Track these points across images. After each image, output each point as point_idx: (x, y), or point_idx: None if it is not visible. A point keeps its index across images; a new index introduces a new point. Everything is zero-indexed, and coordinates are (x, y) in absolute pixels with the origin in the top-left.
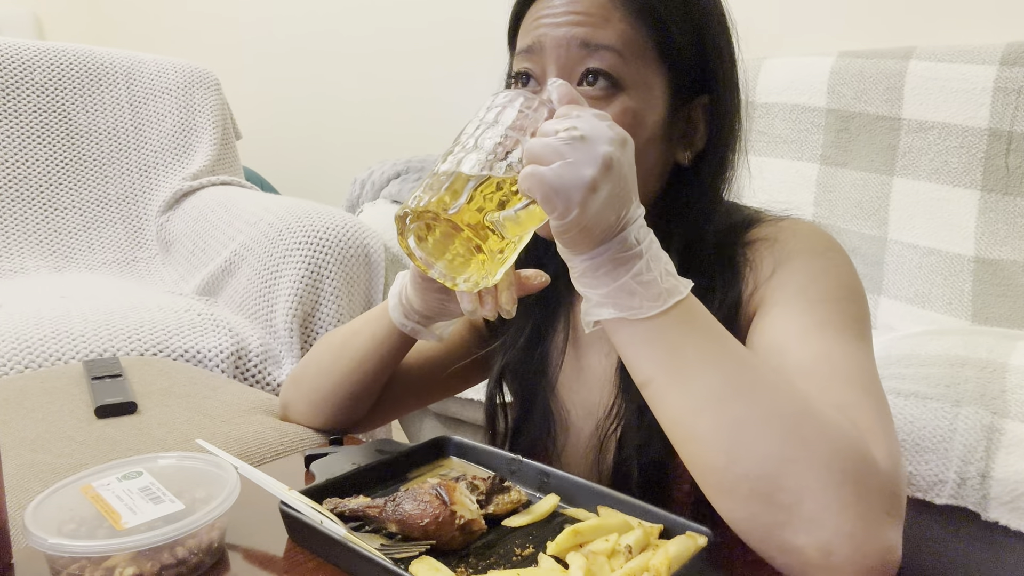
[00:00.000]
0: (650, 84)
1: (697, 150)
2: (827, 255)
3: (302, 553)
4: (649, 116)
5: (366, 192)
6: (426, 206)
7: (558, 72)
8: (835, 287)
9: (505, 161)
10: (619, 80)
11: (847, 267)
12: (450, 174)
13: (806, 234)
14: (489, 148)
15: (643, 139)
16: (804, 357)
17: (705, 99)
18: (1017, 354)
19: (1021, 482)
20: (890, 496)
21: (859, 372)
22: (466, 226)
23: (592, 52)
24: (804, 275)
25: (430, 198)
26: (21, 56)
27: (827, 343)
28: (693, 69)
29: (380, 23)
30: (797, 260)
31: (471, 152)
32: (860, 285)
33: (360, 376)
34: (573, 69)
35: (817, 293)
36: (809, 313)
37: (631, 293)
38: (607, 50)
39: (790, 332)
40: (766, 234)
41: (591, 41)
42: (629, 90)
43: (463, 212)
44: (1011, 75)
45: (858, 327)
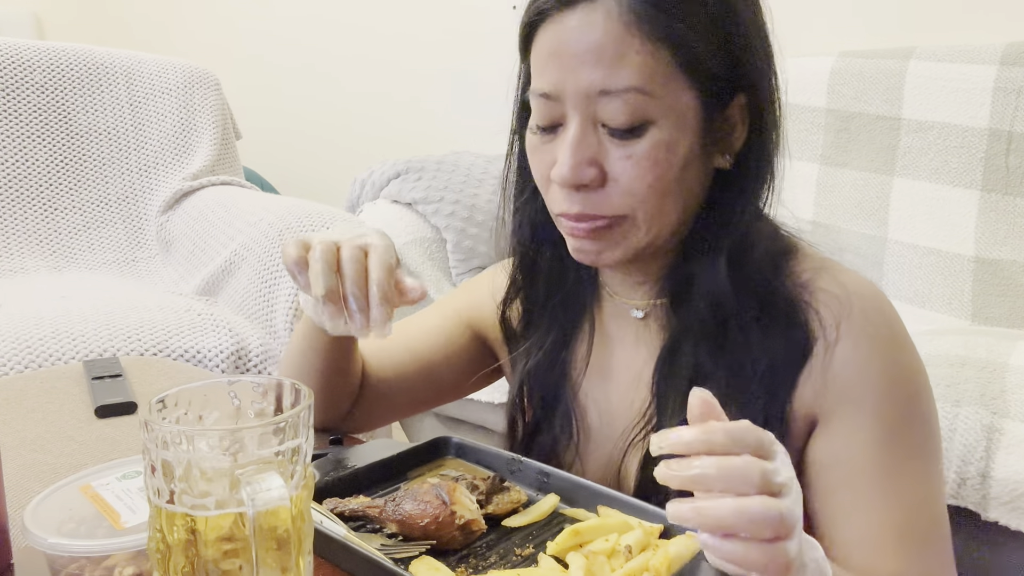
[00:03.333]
0: (679, 107)
1: (736, 151)
2: (904, 350)
3: None
4: (682, 140)
5: (366, 192)
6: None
7: (580, 120)
8: (913, 398)
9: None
10: (646, 117)
11: (916, 356)
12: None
13: (872, 311)
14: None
15: (679, 165)
16: (887, 517)
17: (742, 99)
18: (1017, 354)
19: (1021, 482)
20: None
21: (933, 522)
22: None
23: (614, 97)
24: (884, 389)
25: None
26: (21, 56)
27: (909, 491)
28: (724, 75)
29: (380, 23)
30: (875, 366)
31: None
32: (925, 371)
33: (316, 384)
34: (597, 114)
35: (896, 416)
36: (891, 451)
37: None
38: (629, 92)
39: (875, 477)
40: (828, 285)
41: (611, 87)
42: (659, 122)
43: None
44: (1011, 75)
45: (930, 444)
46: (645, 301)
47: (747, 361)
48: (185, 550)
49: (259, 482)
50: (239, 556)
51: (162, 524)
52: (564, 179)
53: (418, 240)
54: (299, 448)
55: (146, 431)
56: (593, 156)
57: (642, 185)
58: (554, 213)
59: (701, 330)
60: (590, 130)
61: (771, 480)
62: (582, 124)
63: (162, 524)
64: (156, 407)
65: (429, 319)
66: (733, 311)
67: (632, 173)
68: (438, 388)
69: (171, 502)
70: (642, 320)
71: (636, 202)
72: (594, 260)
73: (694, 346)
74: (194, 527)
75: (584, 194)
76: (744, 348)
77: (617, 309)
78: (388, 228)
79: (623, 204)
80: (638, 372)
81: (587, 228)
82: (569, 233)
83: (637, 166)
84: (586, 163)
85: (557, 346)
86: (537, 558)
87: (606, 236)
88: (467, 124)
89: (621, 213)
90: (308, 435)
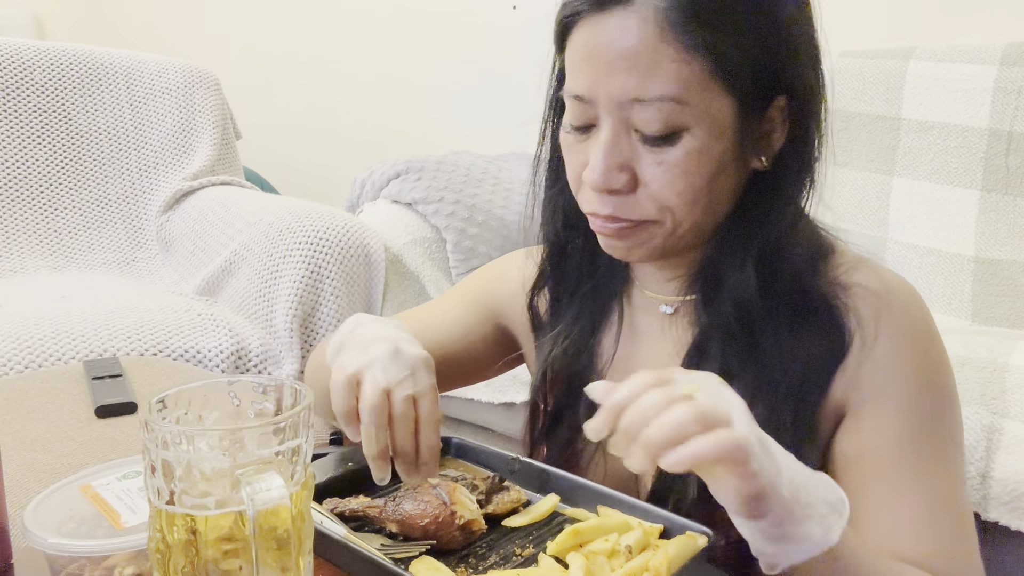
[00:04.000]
0: (715, 115)
1: (774, 152)
2: (935, 347)
3: None
4: (716, 147)
5: (366, 192)
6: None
7: (613, 125)
8: (943, 396)
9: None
10: (679, 125)
11: (946, 355)
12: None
13: (911, 307)
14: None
15: (712, 170)
16: (916, 511)
17: (782, 100)
18: (1017, 354)
19: (1021, 482)
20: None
21: (960, 515)
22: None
23: (647, 105)
24: (916, 385)
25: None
26: (21, 56)
27: (936, 484)
28: (763, 80)
29: (380, 23)
30: (908, 360)
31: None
32: (952, 371)
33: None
34: (630, 120)
35: (926, 411)
36: (918, 447)
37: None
38: (661, 101)
39: (905, 469)
40: (864, 282)
41: (644, 95)
42: (692, 129)
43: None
44: (1011, 75)
45: (957, 439)
46: (675, 296)
47: (777, 365)
48: (185, 550)
49: (259, 482)
50: (239, 556)
51: (162, 524)
52: (595, 184)
53: (418, 240)
54: (299, 448)
55: (146, 431)
56: (625, 161)
57: (672, 192)
58: (585, 211)
59: (729, 331)
60: (623, 135)
61: (675, 392)
62: (614, 129)
63: (162, 524)
64: (156, 407)
65: (448, 309)
66: (760, 315)
67: (663, 180)
68: (458, 376)
69: (171, 502)
70: (671, 315)
71: (666, 207)
72: (624, 256)
73: (722, 346)
74: (194, 527)
75: (615, 198)
76: (775, 352)
77: (646, 303)
78: (388, 228)
79: (653, 209)
80: (662, 367)
81: (616, 228)
82: (599, 231)
83: (668, 173)
84: (617, 168)
85: (584, 336)
86: (537, 558)
87: (634, 236)
88: (467, 124)
89: (651, 218)
90: (308, 435)
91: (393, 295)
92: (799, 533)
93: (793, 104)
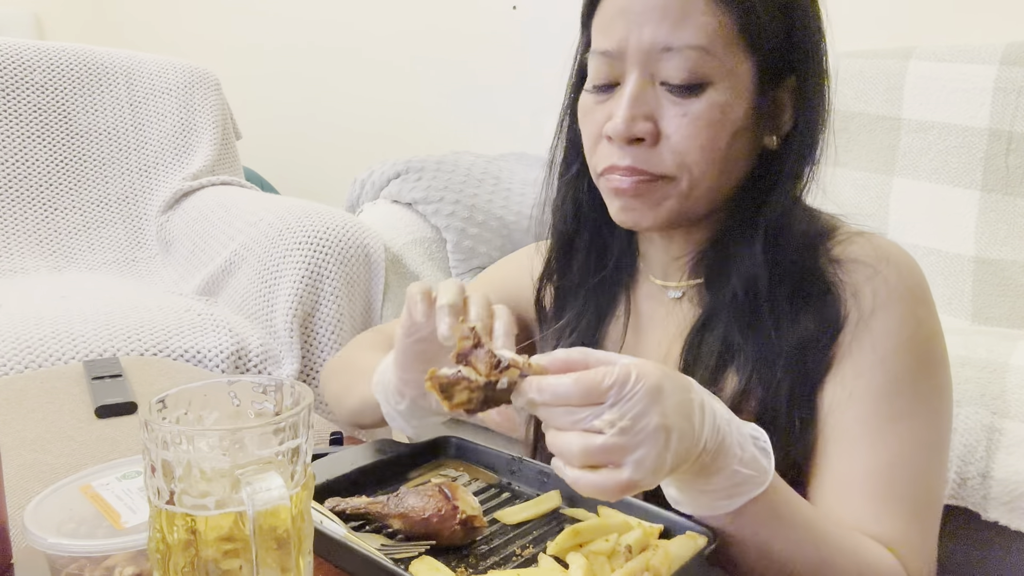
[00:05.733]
0: (737, 73)
1: (783, 133)
2: (922, 306)
3: None
4: (737, 106)
5: (366, 192)
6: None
7: (639, 76)
8: (923, 355)
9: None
10: (705, 77)
11: (935, 320)
12: None
13: (904, 271)
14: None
15: (731, 129)
16: (871, 466)
17: (792, 81)
18: (1017, 354)
19: (1021, 482)
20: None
21: (916, 486)
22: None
23: (675, 54)
24: (896, 338)
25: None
26: (21, 56)
27: (897, 446)
28: (781, 50)
29: (381, 23)
30: (891, 313)
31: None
32: (943, 341)
33: (363, 421)
34: (657, 70)
35: (902, 366)
36: (889, 401)
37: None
38: (691, 49)
39: (867, 425)
40: (859, 255)
41: (674, 43)
42: (716, 83)
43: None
44: (1011, 75)
45: (930, 409)
46: (682, 282)
47: (775, 339)
48: (185, 550)
49: (259, 482)
50: (239, 556)
51: (162, 524)
52: (618, 131)
53: (418, 240)
54: (299, 448)
55: (146, 431)
56: (649, 111)
57: (694, 144)
58: (600, 170)
59: (733, 308)
60: (648, 87)
61: (582, 418)
62: (640, 80)
63: (162, 524)
64: (156, 407)
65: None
66: (766, 291)
67: (686, 131)
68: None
69: (171, 502)
70: (678, 300)
71: (685, 163)
72: (636, 222)
73: (725, 324)
74: (194, 527)
75: (636, 149)
76: (774, 326)
77: (653, 291)
78: (388, 228)
79: (672, 163)
80: (667, 350)
81: (633, 183)
82: (614, 192)
83: (692, 125)
84: (641, 117)
85: (590, 329)
86: (537, 558)
87: (649, 194)
88: (467, 124)
89: (670, 174)
90: (308, 435)
91: (393, 295)
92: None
93: (803, 86)
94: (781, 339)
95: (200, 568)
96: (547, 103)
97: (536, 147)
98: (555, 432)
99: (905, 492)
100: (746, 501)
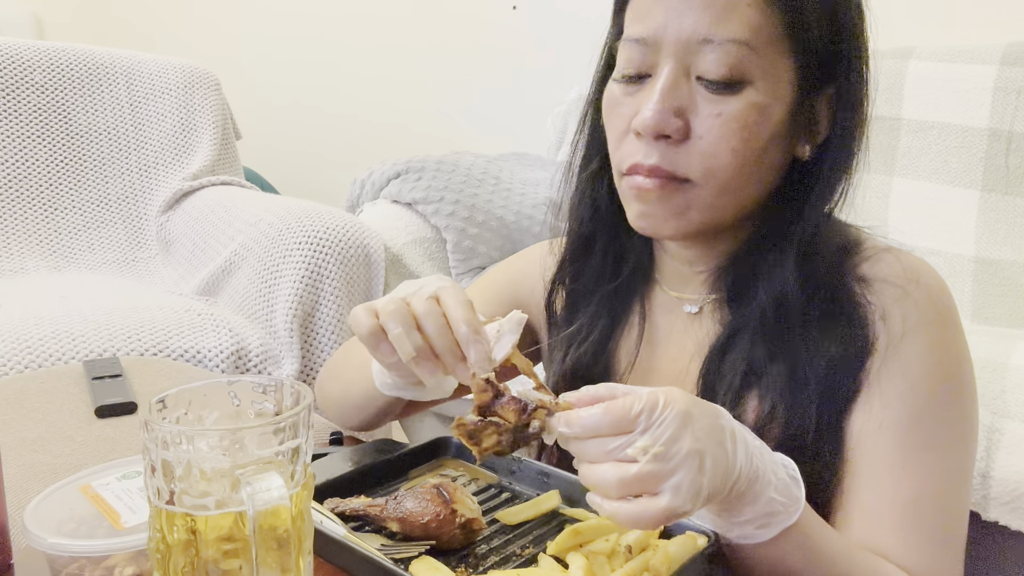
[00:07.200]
0: (778, 74)
1: (818, 144)
2: (949, 330)
3: None
4: (775, 110)
5: (366, 192)
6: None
7: (674, 68)
8: (950, 380)
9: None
10: (744, 74)
11: (964, 344)
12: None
13: (934, 293)
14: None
15: (767, 135)
16: (899, 496)
17: (831, 91)
18: (1017, 354)
19: (1021, 482)
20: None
21: (944, 515)
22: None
23: (716, 47)
24: (924, 363)
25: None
26: (21, 56)
27: (926, 476)
28: (824, 56)
29: (381, 23)
30: (920, 338)
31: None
32: (971, 365)
33: (371, 415)
34: (695, 64)
35: (930, 393)
36: (916, 429)
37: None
38: (733, 44)
39: (895, 454)
40: (888, 275)
41: (715, 36)
42: (756, 83)
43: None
44: (1011, 75)
45: (955, 437)
46: (699, 295)
47: (803, 363)
48: (185, 550)
49: (259, 482)
50: (239, 556)
51: (162, 524)
52: (646, 125)
53: (418, 240)
54: (299, 448)
55: (146, 431)
56: (681, 107)
57: (726, 147)
58: (625, 168)
59: (760, 327)
60: (683, 80)
61: (616, 447)
62: (675, 73)
63: (162, 524)
64: (156, 407)
65: (472, 300)
66: (798, 310)
67: (718, 132)
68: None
69: (171, 502)
70: (694, 315)
71: (713, 168)
72: (656, 229)
73: (750, 343)
74: (194, 527)
75: (664, 146)
76: (802, 350)
77: (668, 304)
78: (388, 228)
79: (700, 167)
80: (684, 368)
81: (657, 184)
82: (636, 195)
83: (725, 126)
84: (672, 112)
85: (604, 338)
86: (537, 558)
87: (672, 200)
88: (467, 124)
89: (695, 178)
90: (308, 435)
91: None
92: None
93: (843, 95)
94: (811, 362)
95: (200, 568)
96: (547, 103)
97: (536, 147)
98: (588, 466)
99: (934, 522)
100: (781, 530)
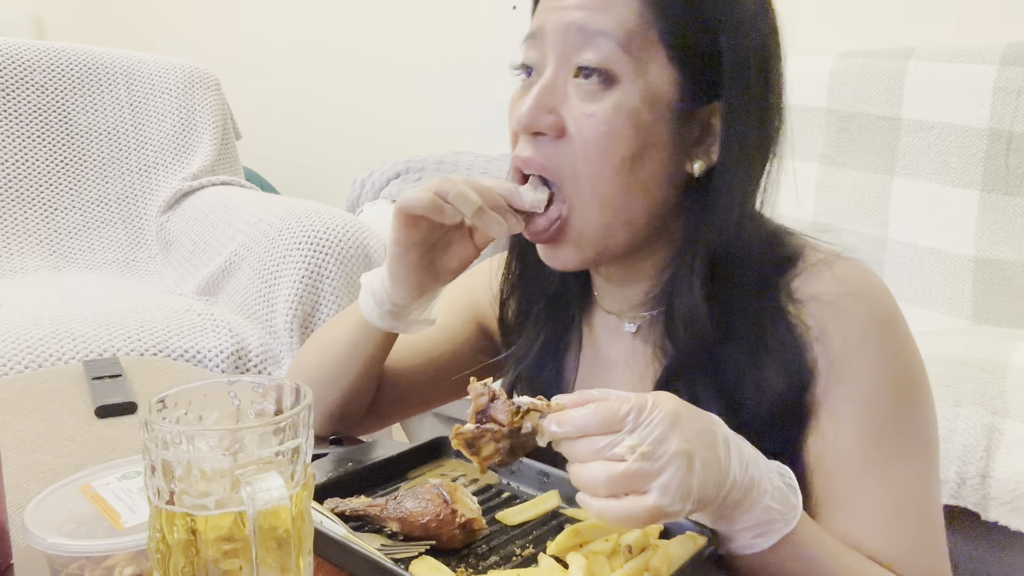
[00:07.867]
0: (651, 79)
1: (712, 162)
2: (894, 339)
3: None
4: (646, 116)
5: (366, 192)
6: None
7: (557, 61)
8: (903, 390)
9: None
10: (614, 73)
11: (911, 348)
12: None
13: (872, 303)
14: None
15: (638, 143)
16: (876, 513)
17: (718, 106)
18: (1017, 354)
19: (1021, 482)
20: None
21: (922, 517)
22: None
23: (589, 39)
24: (873, 380)
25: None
26: (21, 56)
27: (895, 488)
28: (709, 70)
29: (380, 23)
30: (864, 355)
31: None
32: (922, 365)
33: (346, 384)
34: (571, 58)
35: (885, 407)
36: (879, 444)
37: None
38: (605, 37)
39: (862, 474)
40: (820, 291)
41: (589, 27)
42: (625, 84)
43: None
44: (1011, 75)
45: (920, 441)
46: (635, 313)
47: (746, 397)
48: (185, 550)
49: (259, 482)
50: (239, 556)
51: (162, 524)
52: (520, 121)
53: None
54: (299, 448)
55: (146, 431)
56: (555, 105)
57: (595, 149)
58: (512, 165)
59: (693, 359)
60: (563, 78)
61: (605, 445)
62: (556, 69)
63: (162, 524)
64: (156, 407)
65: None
66: (715, 341)
67: (588, 133)
68: (448, 384)
69: (171, 502)
70: (635, 334)
71: (585, 171)
72: (563, 262)
73: (689, 380)
74: (194, 527)
75: (540, 141)
76: (737, 384)
77: (608, 324)
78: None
79: (572, 168)
80: (631, 391)
81: (543, 228)
82: (534, 239)
83: (595, 128)
84: (545, 110)
85: (548, 354)
86: (537, 558)
87: (560, 236)
88: (467, 124)
89: (568, 178)
90: (308, 435)
91: None
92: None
93: (730, 112)
94: (753, 398)
95: (200, 568)
96: None
97: None
98: (578, 465)
99: (917, 528)
100: (780, 538)
